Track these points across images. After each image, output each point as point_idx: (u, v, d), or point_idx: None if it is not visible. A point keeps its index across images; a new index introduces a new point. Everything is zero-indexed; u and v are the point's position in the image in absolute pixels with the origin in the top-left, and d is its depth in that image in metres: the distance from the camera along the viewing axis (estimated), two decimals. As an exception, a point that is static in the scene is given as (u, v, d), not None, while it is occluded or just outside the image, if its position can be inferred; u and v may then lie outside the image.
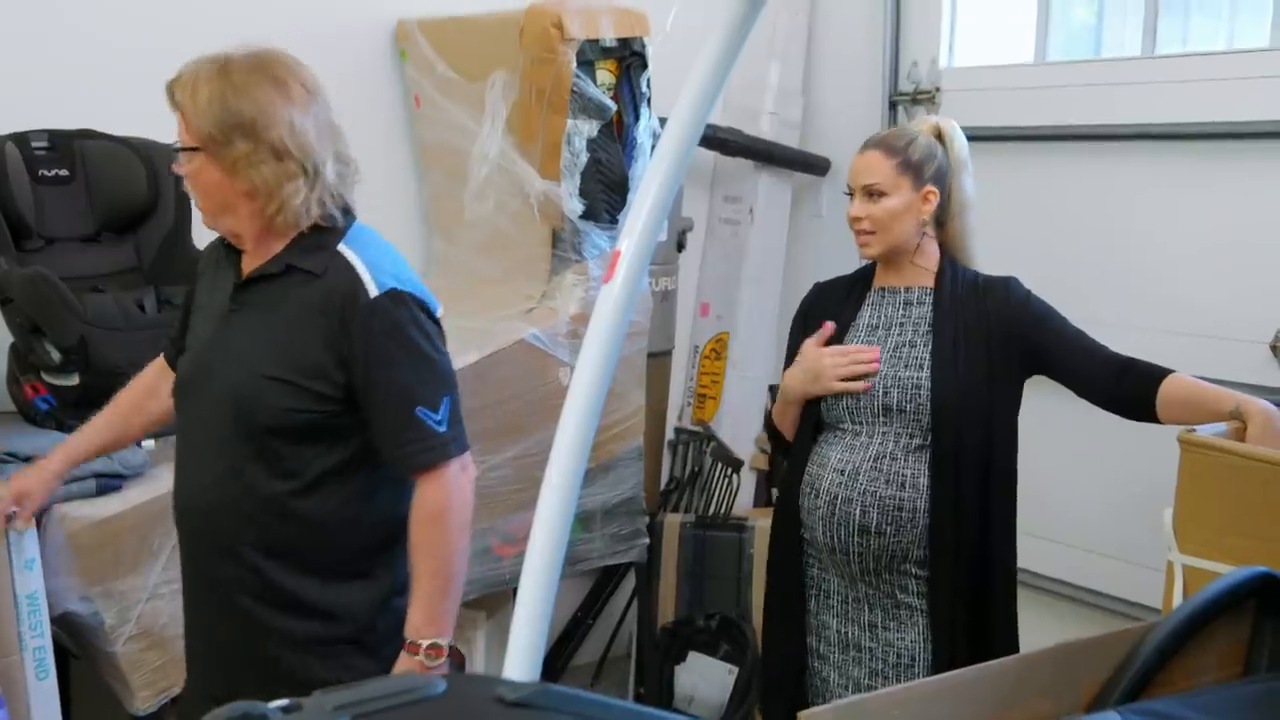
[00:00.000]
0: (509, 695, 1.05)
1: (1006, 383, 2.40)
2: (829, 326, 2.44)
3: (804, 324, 2.57)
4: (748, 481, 4.14)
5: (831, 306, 2.52)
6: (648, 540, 3.51)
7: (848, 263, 4.33)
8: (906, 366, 2.37)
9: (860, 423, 2.40)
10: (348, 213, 2.07)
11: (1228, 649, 1.79)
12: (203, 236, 3.07)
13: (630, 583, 3.85)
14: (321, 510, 2.03)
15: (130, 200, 3.06)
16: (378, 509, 2.08)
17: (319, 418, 1.99)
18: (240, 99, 1.98)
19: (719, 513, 3.86)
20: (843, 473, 2.37)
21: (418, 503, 2.04)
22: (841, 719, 1.48)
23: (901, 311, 2.44)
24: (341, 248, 2.02)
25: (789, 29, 4.20)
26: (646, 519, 3.50)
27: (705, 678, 3.67)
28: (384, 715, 1.03)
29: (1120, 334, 2.47)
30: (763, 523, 3.69)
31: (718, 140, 4.03)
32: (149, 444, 2.80)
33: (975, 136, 3.61)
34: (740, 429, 4.20)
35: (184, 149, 2.04)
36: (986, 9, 4.04)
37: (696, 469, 4.01)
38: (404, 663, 2.02)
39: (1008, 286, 2.44)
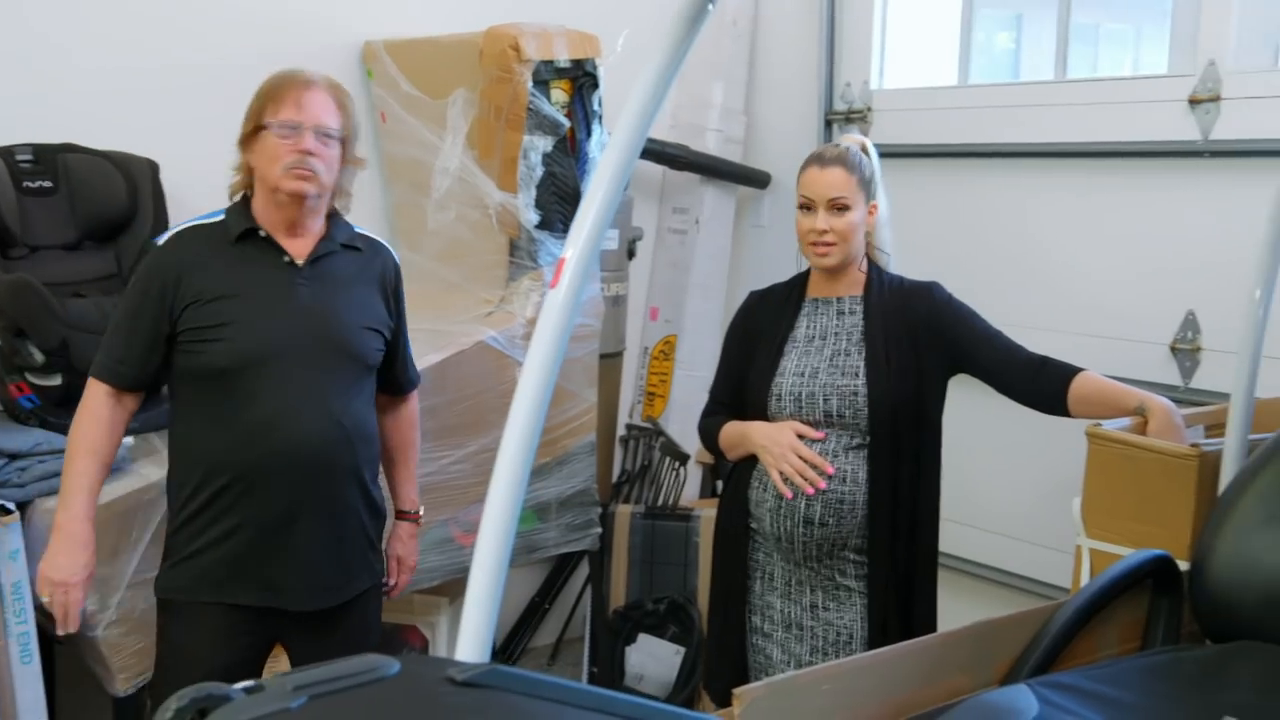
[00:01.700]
0: (459, 675, 1.05)
1: (933, 382, 2.42)
2: (820, 435, 2.38)
3: (742, 331, 2.57)
4: (694, 474, 4.15)
5: (768, 316, 2.51)
6: (600, 529, 3.51)
7: (787, 269, 4.36)
8: (844, 375, 2.38)
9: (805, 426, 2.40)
10: None
11: (1128, 625, 1.82)
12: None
13: (584, 570, 3.85)
14: (374, 429, 2.39)
15: (110, 210, 3.03)
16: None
17: (383, 356, 2.38)
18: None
19: (667, 503, 3.87)
20: None
21: (408, 411, 2.56)
22: (775, 694, 1.49)
23: (835, 322, 2.44)
24: (358, 229, 2.39)
25: (732, 52, 4.22)
26: (599, 509, 3.50)
27: (654, 657, 3.67)
28: (341, 695, 1.02)
29: (1035, 336, 2.50)
30: (708, 512, 3.70)
31: (666, 155, 4.04)
32: (128, 440, 2.76)
33: (903, 153, 3.69)
34: (687, 425, 4.18)
35: (333, 137, 2.27)
36: (913, 35, 4.07)
37: (646, 463, 4.02)
38: (407, 529, 2.56)
39: (932, 291, 2.46)
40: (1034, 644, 1.68)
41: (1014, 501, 3.22)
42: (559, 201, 3.13)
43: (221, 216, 2.30)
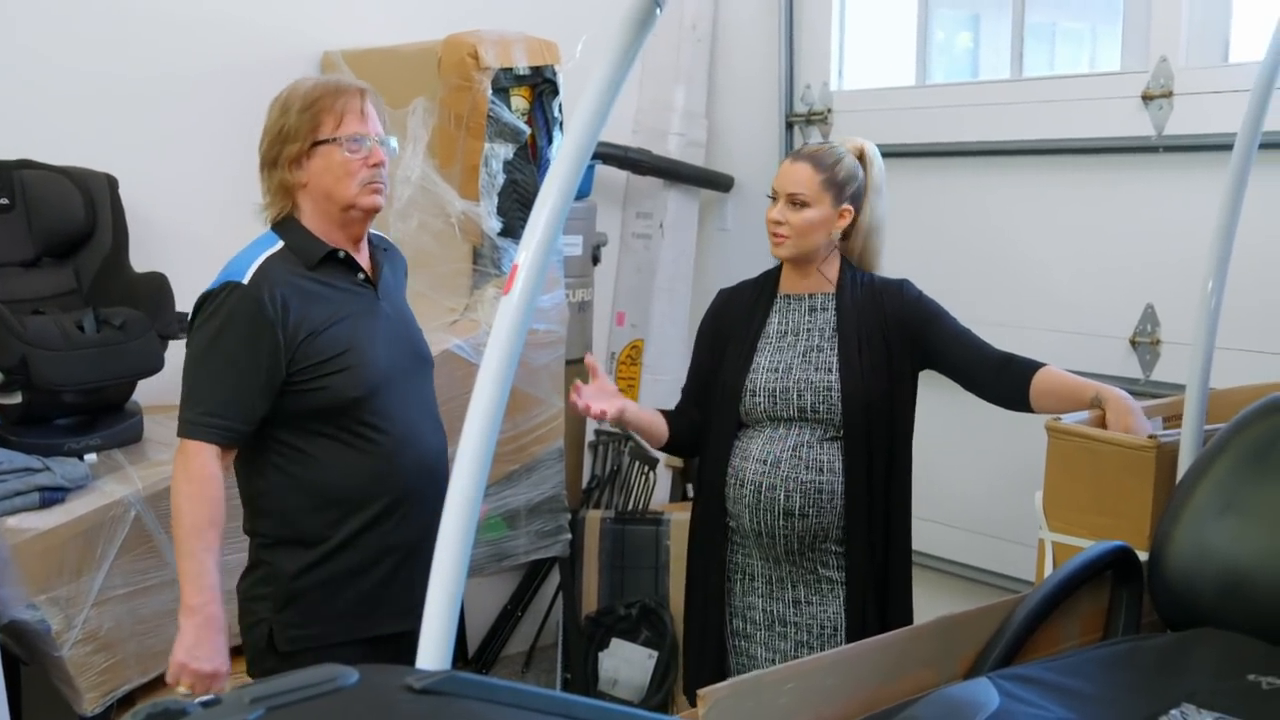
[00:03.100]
0: (417, 684, 1.05)
1: (904, 377, 2.44)
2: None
3: (713, 327, 2.58)
4: (663, 478, 4.15)
5: (739, 313, 2.53)
6: (570, 535, 3.51)
7: (752, 272, 4.37)
8: (817, 370, 2.39)
9: (778, 421, 2.42)
10: None
11: (1090, 616, 1.84)
12: (140, 261, 3.05)
13: (555, 576, 3.84)
14: None
15: (69, 227, 3.01)
16: None
17: None
18: None
19: (637, 508, 3.86)
20: (765, 462, 2.39)
21: None
22: (739, 694, 1.49)
23: (807, 318, 2.46)
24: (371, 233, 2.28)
25: (692, 56, 4.23)
26: (569, 515, 3.50)
27: (628, 662, 3.67)
28: (298, 706, 1.02)
29: (996, 332, 2.51)
30: (678, 516, 3.70)
31: (629, 160, 4.05)
32: (90, 458, 2.75)
33: (863, 153, 3.70)
34: (656, 429, 4.22)
35: (386, 145, 2.21)
36: (872, 37, 4.09)
37: (615, 467, 4.01)
38: None
39: (902, 288, 2.48)
40: (997, 638, 1.70)
41: (976, 496, 3.24)
42: (521, 208, 3.13)
43: (276, 244, 2.15)
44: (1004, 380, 2.41)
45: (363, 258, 2.22)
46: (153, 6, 3.29)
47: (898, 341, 2.42)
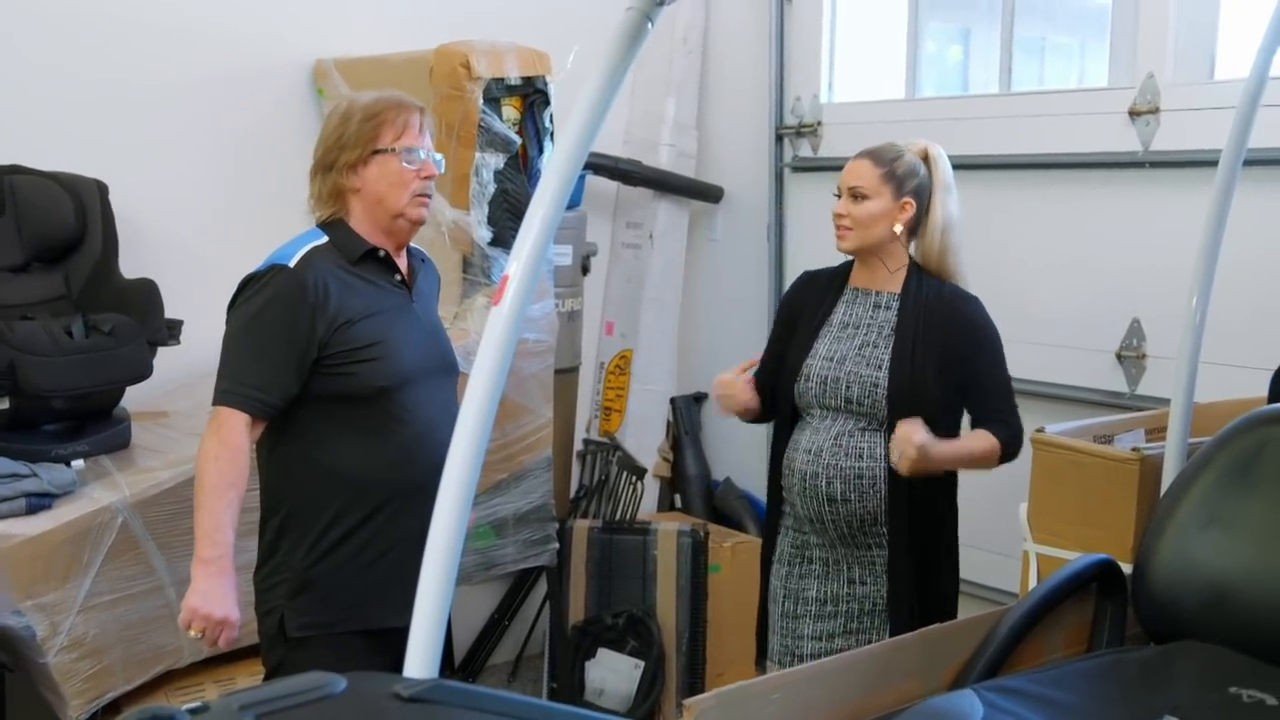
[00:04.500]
0: (404, 691, 1.05)
1: (949, 391, 2.45)
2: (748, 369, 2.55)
3: (790, 307, 2.65)
4: (651, 488, 4.16)
5: (813, 297, 2.58)
6: (558, 545, 3.50)
7: (741, 282, 4.36)
8: (868, 365, 2.43)
9: (826, 409, 2.47)
10: None
11: (1074, 628, 1.85)
12: (129, 267, 3.05)
13: (543, 585, 3.84)
14: None
15: (58, 232, 3.01)
16: None
17: None
18: None
19: (624, 518, 3.87)
20: (810, 451, 2.46)
21: None
22: (725, 703, 1.50)
23: (870, 314, 2.50)
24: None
25: (684, 67, 4.25)
26: (556, 525, 3.49)
27: (615, 671, 3.67)
28: (287, 713, 1.02)
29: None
30: (666, 526, 3.72)
31: (620, 171, 4.06)
32: (78, 464, 2.74)
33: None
34: (644, 439, 4.22)
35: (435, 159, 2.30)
36: (862, 50, 4.11)
37: (603, 477, 4.02)
38: None
39: (968, 305, 2.48)
40: (981, 649, 1.71)
41: (963, 508, 3.22)
42: (512, 218, 3.14)
43: (321, 238, 2.23)
44: None
45: (401, 262, 2.31)
46: (145, 13, 3.29)
47: (949, 357, 2.43)
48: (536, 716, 1.03)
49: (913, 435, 2.26)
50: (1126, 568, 1.90)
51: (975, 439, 2.41)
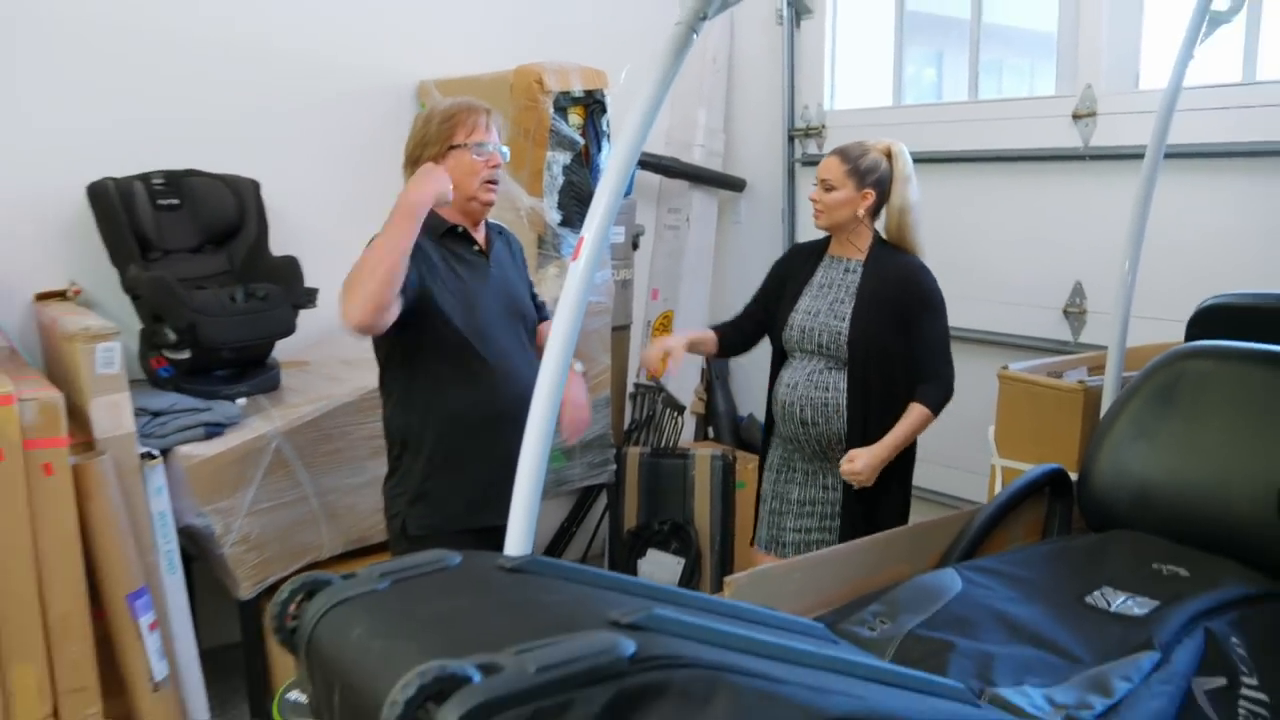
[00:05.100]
0: (507, 564, 1.07)
1: (899, 340, 2.40)
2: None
3: (781, 270, 2.61)
4: (689, 422, 4.16)
5: (799, 263, 2.57)
6: (615, 467, 3.52)
7: (762, 258, 4.35)
8: (835, 317, 2.41)
9: (804, 352, 2.46)
10: None
11: (1031, 522, 1.85)
12: (276, 247, 3.08)
13: (603, 499, 3.86)
14: None
15: (224, 221, 3.05)
16: None
17: None
18: None
19: (668, 445, 3.87)
20: (789, 385, 2.46)
21: (545, 332, 2.35)
22: (756, 581, 1.52)
23: (841, 277, 2.48)
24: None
25: (713, 83, 4.21)
26: (614, 451, 3.51)
27: (661, 566, 3.69)
28: (416, 580, 1.04)
29: (956, 305, 2.49)
30: (700, 451, 3.72)
31: (662, 166, 4.04)
32: (241, 401, 2.79)
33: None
34: (683, 383, 4.22)
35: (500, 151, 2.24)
36: (857, 67, 4.05)
37: (650, 413, 4.02)
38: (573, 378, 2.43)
39: (918, 273, 2.43)
40: (959, 539, 1.71)
41: (938, 437, 3.23)
42: (577, 204, 3.14)
43: None
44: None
45: (479, 235, 2.26)
46: (288, 45, 3.30)
47: (901, 308, 2.40)
48: (610, 584, 1.05)
49: (853, 469, 2.30)
50: (1073, 475, 1.89)
51: (910, 415, 2.35)
